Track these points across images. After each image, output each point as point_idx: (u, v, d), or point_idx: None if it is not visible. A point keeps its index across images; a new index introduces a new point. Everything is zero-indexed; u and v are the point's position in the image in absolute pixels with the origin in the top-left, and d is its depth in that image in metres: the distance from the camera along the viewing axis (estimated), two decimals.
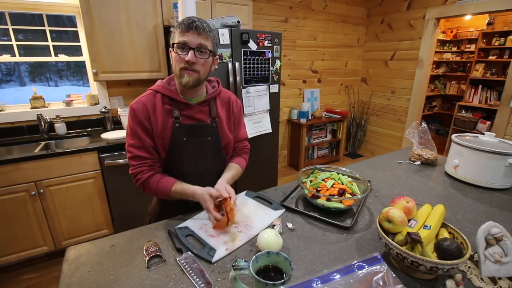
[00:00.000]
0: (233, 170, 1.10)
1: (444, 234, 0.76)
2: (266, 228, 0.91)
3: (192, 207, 1.04)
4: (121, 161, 1.95)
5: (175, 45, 0.90)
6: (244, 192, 1.16)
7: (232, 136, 1.13)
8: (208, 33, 0.91)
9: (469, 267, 0.74)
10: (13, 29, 2.06)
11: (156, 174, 0.99)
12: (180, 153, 1.01)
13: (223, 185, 0.95)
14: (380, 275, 0.61)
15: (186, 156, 1.02)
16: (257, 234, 0.87)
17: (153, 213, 1.15)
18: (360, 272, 0.61)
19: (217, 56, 1.02)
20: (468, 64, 4.65)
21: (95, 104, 2.38)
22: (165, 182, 0.97)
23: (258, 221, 0.95)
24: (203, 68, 0.94)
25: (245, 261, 0.62)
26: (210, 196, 0.90)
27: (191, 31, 0.88)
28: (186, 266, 0.74)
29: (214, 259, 0.77)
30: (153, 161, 1.00)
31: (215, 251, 0.79)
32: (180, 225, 0.92)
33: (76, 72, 2.45)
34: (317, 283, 0.57)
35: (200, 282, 0.69)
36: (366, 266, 0.62)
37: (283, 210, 1.02)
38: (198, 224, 0.93)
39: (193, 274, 0.72)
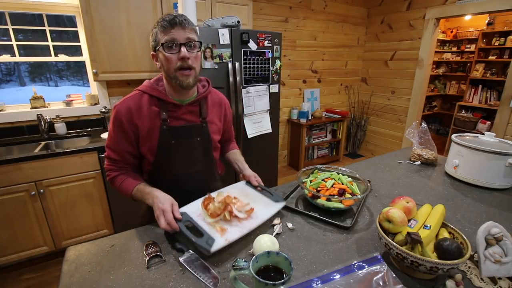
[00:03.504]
0: (240, 156, 1.20)
1: (444, 234, 0.76)
2: (265, 221, 0.90)
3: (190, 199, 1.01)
4: None
5: (163, 45, 0.87)
6: (244, 181, 1.12)
7: (220, 136, 1.14)
8: (192, 26, 0.90)
9: (469, 267, 0.74)
10: (13, 29, 2.06)
11: (122, 174, 0.98)
12: (169, 156, 0.99)
13: (253, 175, 1.08)
14: (380, 275, 0.61)
15: (175, 158, 1.00)
16: (256, 228, 0.87)
17: (143, 215, 1.11)
18: (360, 272, 0.61)
19: (203, 48, 1.01)
20: (468, 64, 4.65)
21: (95, 104, 2.38)
22: (126, 185, 0.95)
23: (258, 213, 0.91)
24: (196, 62, 0.93)
25: (245, 261, 0.62)
26: (170, 206, 0.83)
27: (176, 26, 0.86)
28: (190, 265, 0.74)
29: (213, 249, 0.73)
30: (124, 163, 0.99)
31: (214, 241, 0.76)
32: (179, 210, 0.87)
33: (76, 72, 2.45)
34: (317, 283, 0.57)
35: (206, 278, 0.70)
36: (366, 266, 0.62)
37: (283, 203, 0.99)
38: (196, 210, 0.89)
39: (197, 271, 0.72)
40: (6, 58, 2.08)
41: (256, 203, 0.96)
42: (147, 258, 0.76)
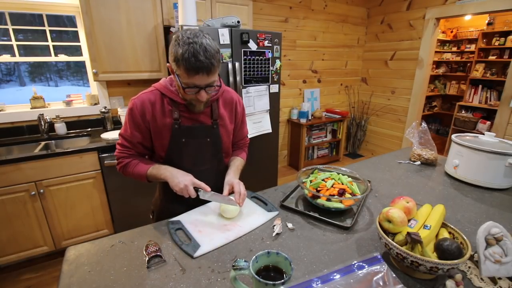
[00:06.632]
0: (237, 162, 1.15)
1: (444, 234, 0.76)
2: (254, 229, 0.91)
3: (195, 203, 1.05)
4: None
5: (183, 84, 0.87)
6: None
7: (232, 136, 1.15)
8: (216, 67, 0.87)
9: (469, 267, 0.74)
10: (13, 29, 2.06)
11: (134, 160, 1.02)
12: (179, 153, 1.03)
13: (235, 180, 1.01)
14: (380, 275, 0.61)
15: (185, 156, 1.04)
16: (245, 234, 0.90)
17: (156, 205, 1.17)
18: (360, 272, 0.61)
19: None
20: (468, 64, 4.65)
21: (95, 104, 2.38)
22: (140, 167, 0.99)
23: (248, 221, 0.95)
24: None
25: (245, 261, 0.62)
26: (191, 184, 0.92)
27: (201, 72, 0.83)
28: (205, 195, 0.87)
29: (196, 254, 0.78)
30: (136, 151, 1.04)
31: (200, 247, 0.81)
32: (173, 219, 0.95)
33: (76, 72, 2.45)
34: (317, 283, 0.57)
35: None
36: (366, 266, 0.62)
37: (276, 212, 1.01)
38: (190, 219, 0.96)
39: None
40: (6, 58, 2.08)
41: (247, 212, 1.00)
42: (147, 258, 0.76)
